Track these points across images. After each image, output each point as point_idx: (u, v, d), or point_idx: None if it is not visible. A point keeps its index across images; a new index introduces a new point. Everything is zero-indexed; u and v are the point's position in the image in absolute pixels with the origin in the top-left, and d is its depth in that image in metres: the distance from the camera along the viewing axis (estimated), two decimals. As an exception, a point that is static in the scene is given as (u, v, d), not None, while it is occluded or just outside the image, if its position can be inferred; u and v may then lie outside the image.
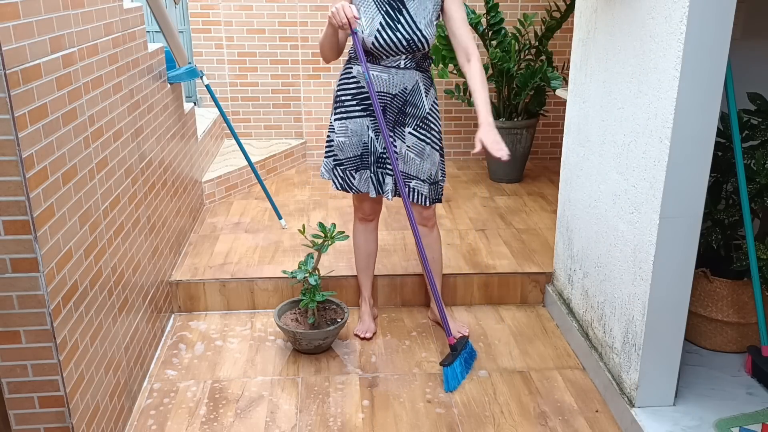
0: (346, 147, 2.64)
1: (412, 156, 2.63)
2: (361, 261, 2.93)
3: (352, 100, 2.60)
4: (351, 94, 2.60)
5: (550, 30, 4.32)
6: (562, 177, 2.96)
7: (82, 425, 1.93)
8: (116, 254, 2.27)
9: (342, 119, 2.63)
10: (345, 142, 2.63)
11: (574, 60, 2.79)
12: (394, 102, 2.59)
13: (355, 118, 2.61)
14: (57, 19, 1.85)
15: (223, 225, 3.70)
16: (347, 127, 2.62)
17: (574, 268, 2.83)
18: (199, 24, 4.67)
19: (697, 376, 2.46)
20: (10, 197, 1.63)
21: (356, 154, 2.65)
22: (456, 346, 2.60)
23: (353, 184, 2.68)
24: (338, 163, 2.68)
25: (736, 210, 2.51)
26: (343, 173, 2.68)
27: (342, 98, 2.62)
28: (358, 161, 2.66)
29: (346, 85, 2.61)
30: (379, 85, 2.55)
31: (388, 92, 2.57)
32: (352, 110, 2.60)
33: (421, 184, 2.66)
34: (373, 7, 2.47)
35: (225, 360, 2.72)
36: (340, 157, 2.67)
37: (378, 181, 2.68)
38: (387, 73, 2.54)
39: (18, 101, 1.60)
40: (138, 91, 2.61)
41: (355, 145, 2.63)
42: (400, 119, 2.62)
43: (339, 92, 2.63)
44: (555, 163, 4.84)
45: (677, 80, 1.94)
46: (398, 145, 2.62)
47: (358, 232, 2.88)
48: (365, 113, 2.60)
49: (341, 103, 2.62)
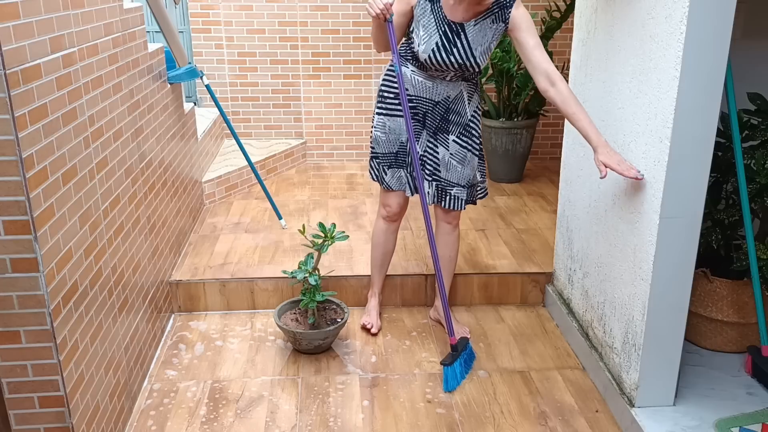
0: (382, 143, 2.66)
1: (455, 163, 2.63)
2: (378, 259, 2.93)
3: (395, 99, 2.60)
4: (394, 92, 2.60)
5: (550, 30, 4.32)
6: (562, 177, 2.96)
7: (82, 425, 1.93)
8: (116, 254, 2.27)
9: (382, 115, 2.64)
10: (381, 137, 2.65)
11: (574, 60, 2.79)
12: (437, 109, 2.58)
13: (395, 117, 2.61)
14: (57, 19, 1.85)
15: (223, 225, 3.70)
16: (385, 123, 2.63)
17: (574, 268, 2.83)
18: (199, 24, 4.67)
19: (697, 376, 2.46)
20: (10, 197, 1.63)
21: (391, 152, 2.66)
22: (457, 346, 2.60)
23: (385, 179, 2.71)
24: (374, 155, 2.71)
25: (736, 210, 2.51)
26: (378, 167, 2.71)
27: (385, 94, 2.63)
28: (392, 158, 2.67)
29: (390, 82, 2.61)
30: (422, 90, 2.55)
31: (431, 99, 2.56)
32: (393, 108, 2.61)
33: (461, 190, 2.68)
34: (433, 24, 2.43)
35: (225, 360, 2.72)
36: (376, 151, 2.69)
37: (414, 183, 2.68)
38: (432, 81, 2.54)
39: (18, 101, 1.60)
40: (138, 91, 2.61)
41: (392, 142, 2.64)
42: (443, 126, 2.61)
43: (383, 87, 2.64)
44: (555, 163, 4.84)
45: (677, 80, 1.94)
46: (440, 151, 2.62)
47: (380, 230, 2.87)
48: None
49: (383, 99, 2.63)
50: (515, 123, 4.34)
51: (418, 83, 2.55)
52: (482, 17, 2.41)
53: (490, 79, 4.38)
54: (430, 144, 2.63)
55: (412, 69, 2.55)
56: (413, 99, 2.58)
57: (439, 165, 2.63)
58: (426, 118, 2.60)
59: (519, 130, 4.36)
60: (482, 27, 2.42)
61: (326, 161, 4.98)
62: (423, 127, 2.62)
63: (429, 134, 2.62)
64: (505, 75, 4.25)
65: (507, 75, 4.25)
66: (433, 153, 2.63)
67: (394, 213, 2.80)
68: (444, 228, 2.79)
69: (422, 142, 2.63)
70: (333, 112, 4.89)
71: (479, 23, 2.41)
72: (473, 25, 2.41)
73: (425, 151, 2.64)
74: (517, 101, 4.31)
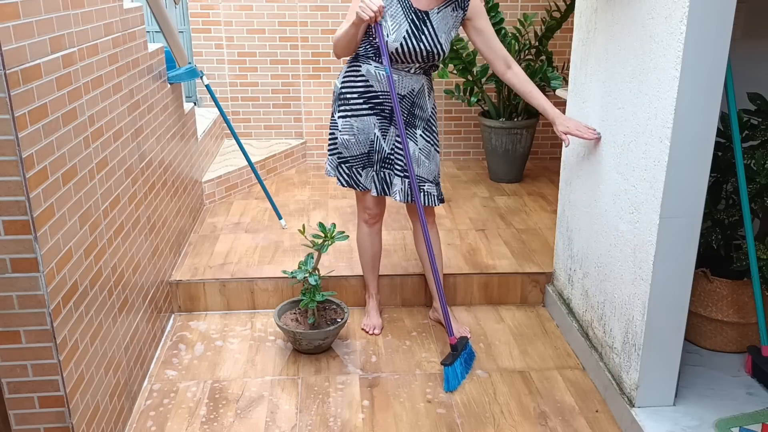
0: (352, 145, 2.64)
1: (423, 158, 2.64)
2: (367, 262, 2.93)
3: (359, 99, 2.59)
4: (358, 92, 2.59)
5: (550, 30, 4.32)
6: (562, 177, 2.96)
7: (82, 425, 1.93)
8: (116, 254, 2.27)
9: (347, 117, 2.62)
10: (350, 140, 2.63)
11: (574, 60, 2.79)
12: (403, 103, 2.60)
13: (361, 117, 2.60)
14: (57, 19, 1.85)
15: (223, 225, 3.70)
16: (353, 125, 2.62)
17: (574, 268, 2.83)
18: (199, 24, 4.67)
19: (697, 376, 2.46)
20: (10, 197, 1.63)
21: (363, 152, 2.65)
22: (457, 346, 2.60)
23: (360, 181, 2.69)
24: (343, 160, 2.68)
25: (736, 210, 2.51)
26: (350, 170, 2.68)
27: (347, 96, 2.61)
28: (365, 159, 2.66)
29: (352, 83, 2.60)
30: (387, 85, 2.56)
31: (398, 93, 2.57)
32: (359, 108, 2.60)
33: (432, 186, 2.69)
34: (400, 13, 2.46)
35: (225, 360, 2.72)
36: (345, 155, 2.66)
37: (383, 181, 2.68)
38: (397, 74, 2.55)
39: (18, 101, 1.60)
40: (138, 91, 2.61)
41: (362, 143, 2.64)
42: (410, 121, 2.63)
43: (344, 89, 2.62)
44: (555, 163, 4.84)
45: (677, 80, 1.94)
46: (411, 147, 2.63)
47: (363, 235, 2.87)
48: (372, 112, 2.60)
49: (346, 101, 2.62)
50: (515, 123, 4.34)
51: (383, 78, 2.55)
52: (444, 5, 2.49)
53: (490, 79, 4.38)
54: (398, 140, 2.62)
55: (375, 65, 2.55)
56: (380, 95, 2.58)
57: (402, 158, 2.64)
58: (393, 113, 2.60)
59: (519, 130, 4.36)
60: (444, 15, 2.50)
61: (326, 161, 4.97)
62: (390, 123, 2.62)
63: (395, 129, 2.62)
64: (505, 75, 4.25)
65: (507, 75, 4.25)
66: (400, 148, 2.63)
67: (375, 215, 2.81)
68: (420, 228, 2.78)
69: (390, 139, 2.63)
70: (333, 112, 4.89)
71: (441, 11, 2.49)
72: (437, 12, 2.48)
73: (392, 148, 2.64)
74: (517, 101, 4.31)
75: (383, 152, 2.64)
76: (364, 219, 2.84)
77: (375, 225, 2.85)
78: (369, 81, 2.57)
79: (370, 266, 2.94)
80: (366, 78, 2.57)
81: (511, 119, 4.39)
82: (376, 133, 2.61)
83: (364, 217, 2.83)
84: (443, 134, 4.99)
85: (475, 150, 5.03)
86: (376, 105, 2.59)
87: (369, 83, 2.57)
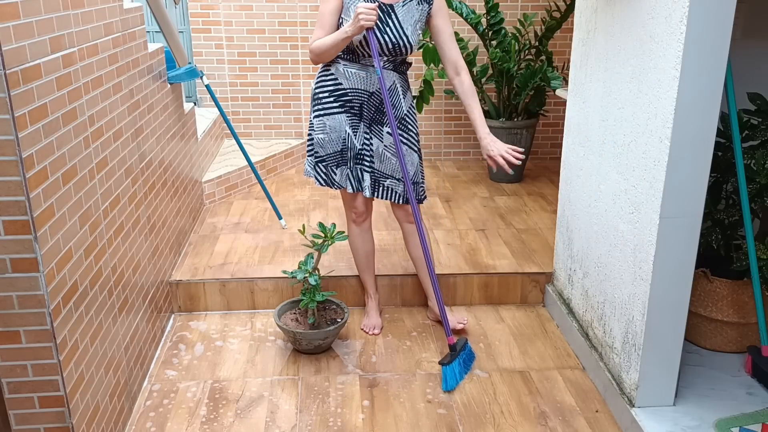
0: (326, 143, 2.67)
1: (389, 155, 2.67)
2: (362, 262, 2.94)
3: (329, 97, 2.63)
4: (328, 90, 2.63)
5: (550, 30, 4.32)
6: (562, 177, 2.96)
7: (82, 425, 1.93)
8: (116, 254, 2.27)
9: (320, 116, 2.66)
10: (324, 138, 2.66)
11: (574, 60, 2.79)
12: (372, 100, 2.62)
13: (332, 115, 2.63)
14: (57, 19, 1.85)
15: (223, 225, 3.70)
16: (325, 123, 2.65)
17: (574, 268, 2.83)
18: (199, 24, 4.67)
19: (697, 376, 2.46)
20: (10, 197, 1.63)
21: (336, 150, 2.68)
22: (455, 346, 2.60)
23: (335, 180, 2.72)
24: (320, 159, 2.71)
25: (736, 210, 2.51)
26: (326, 169, 2.71)
27: (320, 95, 2.65)
28: (338, 157, 2.69)
29: (323, 83, 2.64)
30: (357, 82, 2.59)
31: (366, 90, 2.60)
32: (330, 107, 2.63)
33: (395, 182, 2.71)
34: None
35: (225, 360, 2.72)
36: (320, 154, 2.69)
37: (357, 178, 2.71)
38: (365, 71, 2.58)
39: (18, 101, 1.60)
40: (138, 91, 2.61)
41: (335, 141, 2.66)
42: (378, 118, 2.66)
43: (317, 90, 2.67)
44: (555, 163, 4.84)
45: (677, 80, 1.94)
46: (374, 143, 2.66)
47: (354, 235, 2.88)
48: (342, 110, 2.63)
49: (319, 101, 2.66)
50: (515, 123, 4.34)
51: (352, 75, 2.58)
52: None
53: (490, 79, 4.38)
54: (366, 136, 2.65)
55: (343, 63, 2.58)
56: (348, 92, 2.60)
57: (373, 156, 2.67)
58: (363, 110, 2.63)
59: (519, 130, 4.36)
60: (409, 8, 2.52)
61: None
62: (360, 120, 2.65)
63: (365, 126, 2.65)
64: (505, 75, 4.25)
65: (507, 75, 4.25)
66: (369, 145, 2.66)
67: (362, 213, 2.82)
68: (408, 228, 2.83)
69: (360, 136, 2.66)
70: (333, 112, 4.89)
71: (407, 4, 2.52)
72: (401, 6, 2.52)
73: (363, 144, 2.66)
74: (517, 101, 4.31)
75: (355, 149, 2.67)
76: (351, 218, 2.86)
77: (363, 223, 2.86)
78: (338, 79, 2.60)
79: (365, 265, 2.94)
80: (335, 76, 2.61)
81: (511, 119, 4.39)
82: (347, 131, 2.64)
83: (351, 217, 2.85)
84: (443, 134, 4.99)
85: (475, 150, 5.03)
86: (345, 102, 2.62)
87: (338, 81, 2.61)
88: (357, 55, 2.56)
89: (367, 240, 2.90)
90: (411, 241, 2.84)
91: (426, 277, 2.91)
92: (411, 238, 2.83)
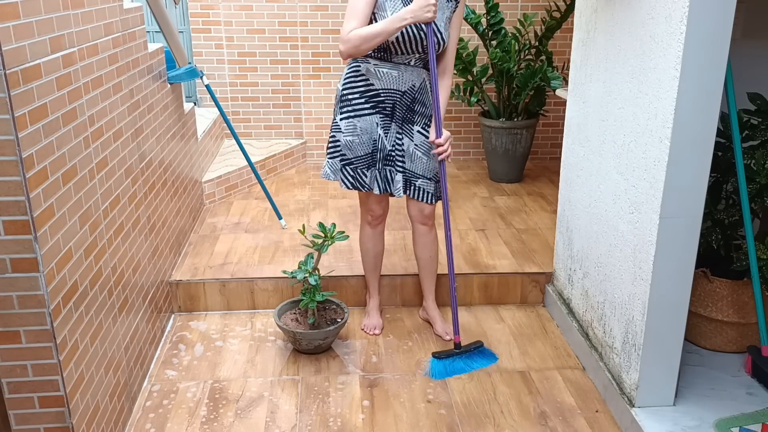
0: (356, 146, 2.62)
1: (420, 154, 2.64)
2: (370, 263, 2.93)
3: (360, 98, 2.59)
4: (359, 92, 2.59)
5: (550, 30, 4.32)
6: (562, 177, 2.96)
7: (82, 425, 1.93)
8: (116, 254, 2.27)
9: (350, 118, 2.61)
10: (354, 140, 2.62)
11: (574, 60, 2.79)
12: (404, 99, 2.60)
13: (364, 116, 2.60)
14: (57, 19, 1.85)
15: (223, 225, 3.70)
16: (356, 125, 2.60)
17: (574, 268, 2.83)
18: (199, 24, 4.67)
19: (697, 376, 2.46)
20: (10, 197, 1.63)
21: (367, 152, 2.64)
22: (459, 344, 2.62)
23: (365, 182, 2.67)
24: (347, 162, 2.65)
25: (736, 210, 2.51)
26: (354, 172, 2.66)
27: (349, 97, 2.61)
28: (369, 159, 2.65)
29: (353, 84, 2.60)
30: (389, 82, 2.56)
31: (398, 89, 2.58)
32: (361, 108, 2.59)
33: (427, 182, 2.68)
34: (399, 3, 2.47)
35: (225, 360, 2.72)
36: (348, 156, 2.64)
37: (385, 179, 2.67)
38: (396, 69, 2.55)
39: (18, 101, 1.60)
40: (138, 91, 2.61)
41: (366, 143, 2.62)
42: (409, 117, 2.63)
43: (345, 91, 2.62)
44: (555, 163, 4.84)
45: (677, 80, 1.94)
46: (405, 142, 2.63)
47: (366, 236, 2.86)
48: (374, 111, 2.59)
49: (348, 102, 2.61)
50: (515, 123, 4.34)
51: (384, 75, 2.56)
52: None
53: (490, 79, 4.38)
54: (398, 136, 2.63)
55: (374, 63, 2.55)
56: (381, 92, 2.58)
57: (404, 156, 2.64)
58: (395, 110, 2.61)
59: (519, 130, 4.36)
60: (441, 3, 2.51)
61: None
62: (392, 120, 2.62)
63: (397, 126, 2.63)
64: (505, 75, 4.25)
65: (507, 75, 4.25)
66: (400, 145, 2.63)
67: (378, 216, 2.80)
68: (420, 230, 2.79)
69: (391, 136, 2.63)
70: (333, 112, 4.89)
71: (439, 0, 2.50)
72: None
73: (393, 144, 2.64)
74: (517, 101, 4.31)
75: (385, 150, 2.63)
76: (367, 221, 2.83)
77: (378, 226, 2.84)
78: (369, 80, 2.57)
79: (372, 267, 2.94)
80: (366, 77, 2.57)
81: (511, 119, 4.39)
82: (379, 132, 2.61)
83: (367, 219, 2.82)
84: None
85: (475, 150, 5.03)
86: (378, 103, 2.59)
87: (369, 82, 2.57)
88: (389, 53, 2.52)
89: (378, 243, 2.89)
90: (420, 242, 2.82)
91: (426, 279, 2.91)
92: (421, 239, 2.81)
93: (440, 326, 2.89)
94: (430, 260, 2.86)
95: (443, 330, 2.87)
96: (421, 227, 2.78)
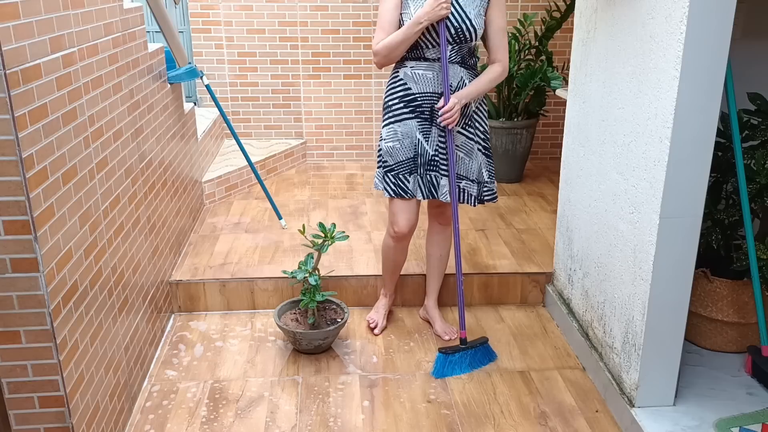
0: (397, 151, 2.59)
1: (461, 155, 2.62)
2: (389, 268, 2.90)
3: (399, 103, 2.58)
4: (398, 97, 2.58)
5: (550, 30, 4.32)
6: (562, 177, 2.96)
7: (82, 425, 1.93)
8: (116, 254, 2.27)
9: (390, 124, 2.59)
10: (395, 146, 2.59)
11: (574, 60, 2.79)
12: None
13: (403, 121, 2.57)
14: (57, 19, 1.85)
15: (223, 225, 3.70)
16: (396, 131, 2.58)
17: (574, 268, 2.83)
18: (199, 24, 4.67)
19: (697, 376, 2.46)
20: (10, 197, 1.63)
21: (409, 157, 2.60)
22: (465, 340, 2.64)
23: (408, 188, 2.62)
24: (389, 169, 2.61)
25: (736, 210, 2.51)
26: (395, 178, 2.61)
27: (390, 103, 2.60)
28: (411, 164, 2.61)
29: (393, 89, 2.59)
30: (425, 85, 2.54)
31: (435, 92, 2.54)
32: (400, 113, 2.58)
33: (470, 184, 2.66)
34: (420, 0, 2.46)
35: (225, 360, 2.72)
36: (390, 163, 2.61)
37: (429, 184, 2.62)
38: (431, 70, 2.52)
39: (18, 101, 1.60)
40: (138, 91, 2.61)
41: (407, 147, 2.59)
42: None
43: (387, 98, 2.62)
44: (555, 163, 4.84)
45: (677, 80, 1.94)
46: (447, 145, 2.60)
47: (388, 247, 2.81)
48: (413, 115, 2.56)
49: (389, 109, 2.60)
50: (515, 123, 4.34)
51: (420, 78, 2.53)
52: None
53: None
54: (441, 140, 2.59)
55: (410, 65, 2.54)
56: (418, 97, 2.55)
57: (448, 159, 2.61)
58: (433, 114, 2.57)
59: (519, 130, 4.36)
60: None
61: (326, 161, 4.98)
62: (431, 124, 2.58)
63: (438, 130, 2.59)
64: (505, 75, 4.25)
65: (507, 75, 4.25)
66: (443, 149, 2.59)
67: (403, 236, 2.73)
68: (436, 228, 2.82)
69: (433, 140, 2.59)
70: (333, 112, 4.89)
71: None
72: None
73: (436, 149, 2.59)
74: (517, 101, 4.31)
75: (427, 155, 2.59)
76: (391, 234, 2.75)
77: (401, 242, 2.78)
78: (407, 84, 2.55)
79: (392, 271, 2.91)
80: (404, 81, 2.56)
81: (511, 119, 4.39)
82: (419, 137, 2.57)
83: (391, 232, 2.75)
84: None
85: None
86: (415, 108, 2.56)
87: (407, 86, 2.55)
88: (421, 48, 2.50)
89: (401, 253, 2.83)
90: (434, 240, 2.82)
91: (433, 277, 2.91)
92: (436, 237, 2.82)
93: (440, 326, 2.89)
94: (440, 259, 2.86)
95: (443, 330, 2.87)
96: (437, 225, 2.80)
